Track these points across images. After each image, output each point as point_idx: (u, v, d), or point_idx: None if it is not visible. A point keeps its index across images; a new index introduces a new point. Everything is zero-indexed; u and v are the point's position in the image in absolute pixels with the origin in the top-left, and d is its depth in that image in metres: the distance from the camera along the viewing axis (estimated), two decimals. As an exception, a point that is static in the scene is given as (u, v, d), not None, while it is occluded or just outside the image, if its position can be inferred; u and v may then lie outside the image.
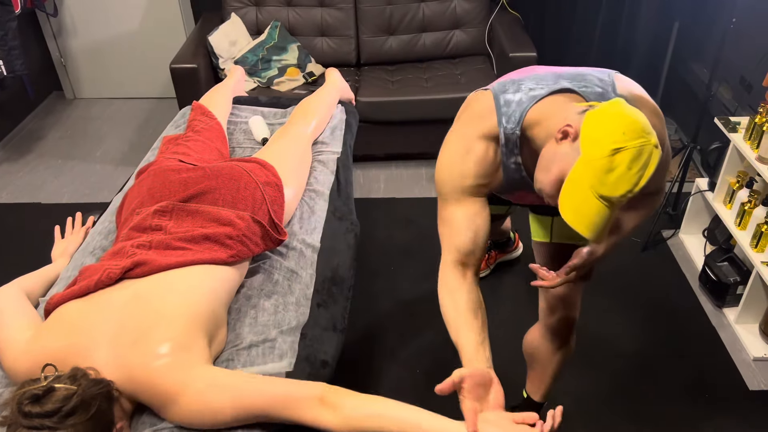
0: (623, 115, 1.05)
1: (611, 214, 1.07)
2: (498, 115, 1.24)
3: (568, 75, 1.25)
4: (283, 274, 1.67)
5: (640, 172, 1.04)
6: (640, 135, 1.04)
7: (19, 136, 3.78)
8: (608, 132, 1.04)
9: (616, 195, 1.05)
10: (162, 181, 1.64)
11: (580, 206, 1.07)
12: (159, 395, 1.20)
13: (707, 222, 2.76)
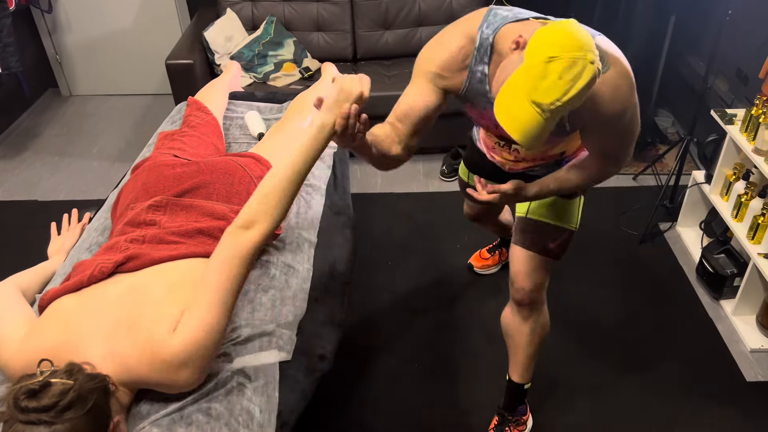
0: (568, 30, 1.11)
1: (543, 123, 1.13)
2: (483, 20, 1.33)
3: None
4: (279, 268, 1.67)
5: (572, 82, 1.09)
6: (576, 49, 1.09)
7: (15, 133, 3.77)
8: (549, 43, 1.11)
9: (546, 102, 1.11)
10: (156, 176, 1.64)
11: (515, 110, 1.13)
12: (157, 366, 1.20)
13: (704, 214, 2.76)
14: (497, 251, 2.61)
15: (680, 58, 3.41)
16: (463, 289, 2.54)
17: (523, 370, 1.87)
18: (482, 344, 2.28)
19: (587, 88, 1.12)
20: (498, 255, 2.61)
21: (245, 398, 1.29)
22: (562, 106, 1.12)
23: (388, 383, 2.15)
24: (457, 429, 2.01)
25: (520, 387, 1.90)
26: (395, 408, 2.07)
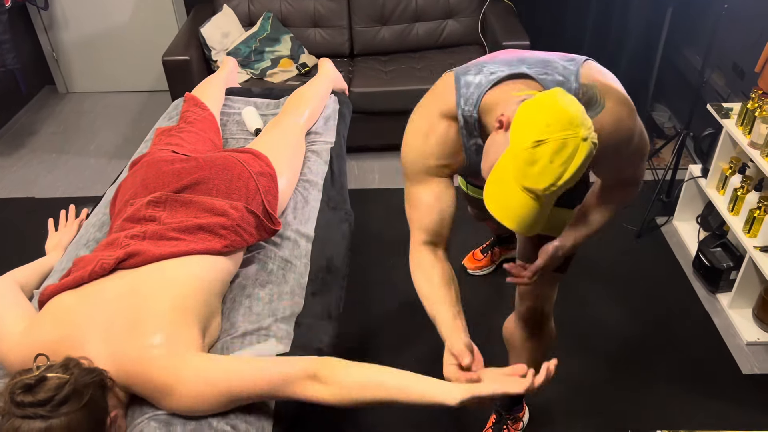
0: (552, 105, 1.01)
1: (540, 208, 1.04)
2: (457, 96, 1.22)
3: (533, 60, 1.22)
4: (277, 263, 1.67)
5: (564, 165, 1.00)
6: (565, 127, 0.99)
7: (12, 130, 3.76)
8: (534, 123, 1.01)
9: (539, 188, 1.02)
10: (155, 172, 1.64)
11: (506, 198, 1.05)
12: (154, 387, 1.20)
13: (701, 208, 2.77)
14: (490, 251, 2.59)
15: (677, 52, 3.42)
16: (460, 284, 2.53)
17: None
18: (480, 339, 2.29)
19: (584, 167, 1.02)
20: (491, 255, 2.59)
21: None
22: (558, 189, 1.03)
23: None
24: (455, 423, 2.02)
25: (520, 396, 1.89)
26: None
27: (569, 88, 1.18)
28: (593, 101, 1.13)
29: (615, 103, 1.20)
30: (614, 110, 1.20)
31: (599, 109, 1.13)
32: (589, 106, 1.11)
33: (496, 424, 1.95)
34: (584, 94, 1.13)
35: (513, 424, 1.94)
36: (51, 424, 1.05)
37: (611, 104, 1.19)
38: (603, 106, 1.13)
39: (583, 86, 1.17)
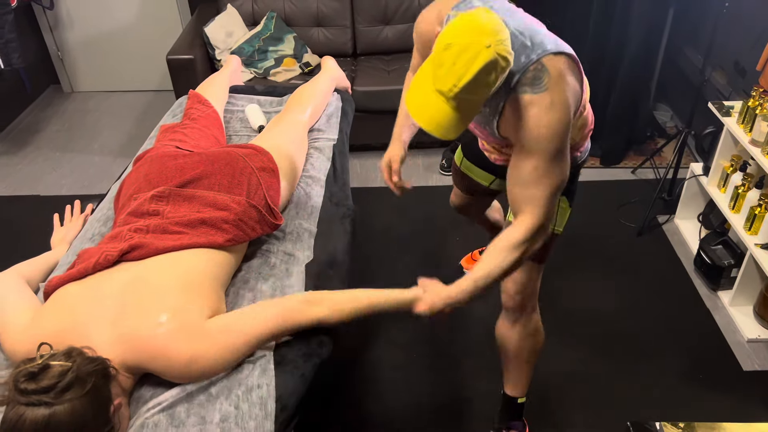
0: (469, 17, 1.13)
1: (450, 112, 1.15)
2: (454, 6, 1.36)
3: (529, 25, 1.31)
4: (280, 257, 1.69)
5: (465, 67, 1.11)
6: (471, 34, 1.11)
7: (17, 129, 3.79)
8: (448, 31, 1.13)
9: (445, 88, 1.13)
10: (159, 167, 1.66)
11: (423, 100, 1.16)
12: (173, 361, 1.23)
13: (702, 206, 2.78)
14: (479, 252, 2.59)
15: (678, 51, 3.42)
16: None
17: (516, 381, 1.83)
18: (481, 337, 2.30)
19: (486, 72, 1.12)
20: None
21: (243, 374, 1.31)
22: (461, 91, 1.13)
23: (387, 372, 2.17)
24: (456, 417, 2.03)
25: (513, 401, 1.86)
26: (394, 396, 2.09)
27: (527, 56, 1.25)
28: (536, 81, 1.24)
29: (550, 101, 1.24)
30: (544, 103, 1.24)
31: (540, 91, 1.24)
32: (531, 83, 1.24)
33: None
34: (534, 69, 1.24)
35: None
36: (55, 410, 1.07)
37: (547, 98, 1.24)
38: (544, 90, 1.24)
39: (538, 63, 1.24)
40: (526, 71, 1.25)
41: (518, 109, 1.27)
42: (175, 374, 1.26)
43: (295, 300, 1.40)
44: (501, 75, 1.15)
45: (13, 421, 1.06)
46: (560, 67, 1.26)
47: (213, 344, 1.26)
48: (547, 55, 1.25)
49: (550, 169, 1.30)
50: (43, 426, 1.06)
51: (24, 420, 1.06)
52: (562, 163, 1.31)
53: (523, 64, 1.25)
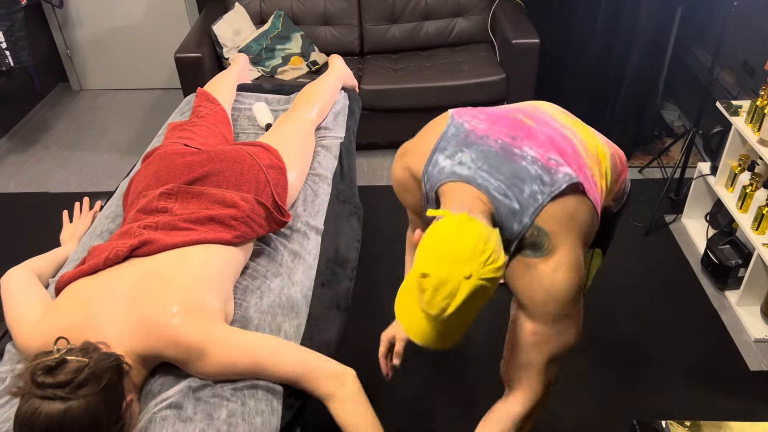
0: (444, 238, 0.99)
1: (439, 329, 1.03)
2: (425, 168, 1.23)
3: (510, 170, 1.15)
4: (287, 255, 1.70)
5: (447, 300, 0.98)
6: (447, 263, 0.97)
7: (26, 127, 3.81)
8: (425, 252, 1.01)
9: (430, 314, 1.01)
10: (167, 164, 1.67)
11: (410, 311, 1.04)
12: (183, 352, 1.25)
13: (709, 206, 2.77)
14: None
15: (687, 50, 3.41)
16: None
17: None
18: (485, 337, 2.30)
19: (472, 300, 0.99)
20: None
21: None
22: (448, 319, 1.00)
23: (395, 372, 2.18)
24: (458, 415, 2.03)
25: None
26: (398, 394, 2.10)
27: (519, 222, 1.13)
28: (537, 245, 1.12)
29: (553, 267, 1.12)
30: (546, 268, 1.13)
31: (542, 255, 1.12)
32: (532, 248, 1.12)
33: None
34: (531, 235, 1.12)
35: None
36: (70, 405, 1.08)
37: (550, 263, 1.12)
38: (547, 253, 1.11)
39: (534, 227, 1.12)
40: (522, 238, 1.14)
41: (521, 269, 1.15)
42: (186, 363, 1.27)
43: (324, 368, 1.33)
44: (492, 289, 1.02)
45: (28, 413, 1.07)
46: (560, 216, 1.13)
47: (221, 352, 1.27)
48: (541, 212, 1.13)
49: (553, 336, 1.17)
50: (58, 420, 1.07)
51: (39, 413, 1.07)
52: (570, 325, 1.17)
53: (517, 232, 1.13)
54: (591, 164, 1.24)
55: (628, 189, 1.44)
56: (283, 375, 1.31)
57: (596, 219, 1.21)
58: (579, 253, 1.16)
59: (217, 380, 1.30)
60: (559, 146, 1.20)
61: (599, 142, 1.32)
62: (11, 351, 1.40)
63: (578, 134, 1.27)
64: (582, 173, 1.20)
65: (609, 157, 1.31)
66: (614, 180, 1.34)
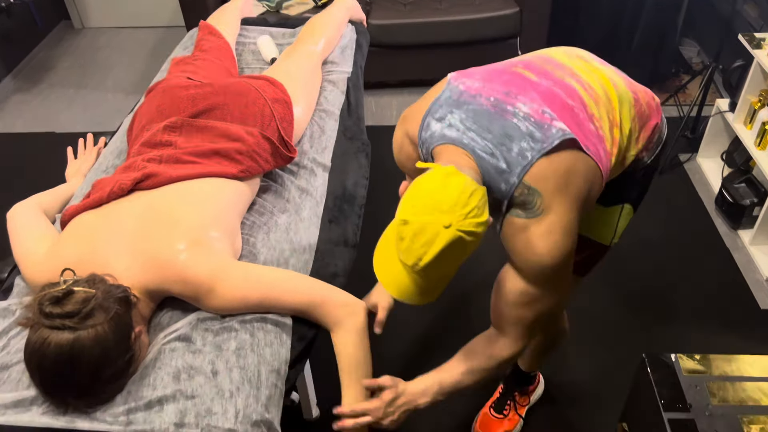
0: (426, 187, 0.99)
1: (417, 280, 1.03)
2: (419, 133, 1.20)
3: (500, 128, 1.10)
4: (294, 191, 1.67)
5: (424, 248, 0.98)
6: (428, 212, 0.97)
7: (30, 66, 3.76)
8: (408, 200, 1.00)
9: (408, 263, 1.01)
10: (171, 98, 1.63)
11: (388, 264, 1.05)
12: (192, 287, 1.25)
13: (726, 144, 2.71)
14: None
15: (709, -18, 3.27)
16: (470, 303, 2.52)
17: (531, 363, 1.74)
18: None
19: (449, 251, 0.98)
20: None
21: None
22: (424, 269, 1.00)
23: (397, 304, 2.18)
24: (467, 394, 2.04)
25: (526, 374, 1.78)
26: (404, 339, 2.11)
27: (506, 181, 1.08)
28: (528, 205, 1.08)
29: (546, 230, 1.09)
30: (538, 230, 1.09)
31: (534, 215, 1.08)
32: (523, 208, 1.08)
33: (502, 396, 1.84)
34: (521, 194, 1.08)
35: (520, 398, 1.82)
36: (79, 335, 1.08)
37: (542, 224, 1.09)
38: (539, 214, 1.08)
39: (524, 186, 1.08)
40: (512, 197, 1.09)
41: (514, 231, 1.12)
42: (195, 299, 1.27)
43: (337, 296, 1.34)
44: (472, 245, 1.00)
45: (37, 343, 1.08)
46: (553, 174, 1.08)
47: (232, 288, 1.26)
48: (530, 169, 1.07)
49: (543, 295, 1.16)
50: (68, 350, 1.07)
51: (48, 343, 1.07)
52: (559, 287, 1.17)
53: (506, 191, 1.09)
54: (600, 114, 1.17)
55: (663, 137, 1.32)
56: (295, 304, 1.31)
57: (598, 177, 1.15)
58: (573, 216, 1.11)
59: (226, 314, 1.30)
60: (559, 99, 1.13)
61: (619, 86, 1.22)
62: (20, 285, 1.41)
63: (587, 81, 1.19)
64: (581, 129, 1.12)
65: (630, 103, 1.22)
66: (639, 127, 1.25)
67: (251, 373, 1.20)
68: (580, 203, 1.12)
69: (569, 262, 1.15)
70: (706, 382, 1.21)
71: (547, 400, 1.92)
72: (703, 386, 1.20)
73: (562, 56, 1.23)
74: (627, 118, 1.21)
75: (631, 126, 1.22)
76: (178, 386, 1.17)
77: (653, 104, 1.28)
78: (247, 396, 1.17)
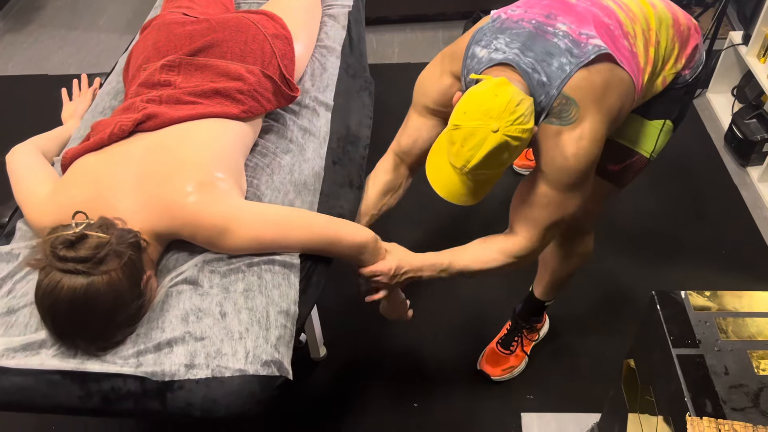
0: (478, 95, 1.10)
1: (465, 183, 1.16)
2: (463, 64, 1.28)
3: (541, 47, 1.18)
4: (297, 131, 1.64)
5: (473, 151, 1.09)
6: (478, 117, 1.08)
7: (18, 6, 3.63)
8: (460, 107, 1.11)
9: (457, 165, 1.14)
10: (167, 34, 1.57)
11: (439, 167, 1.18)
12: (205, 230, 1.22)
13: (737, 79, 2.64)
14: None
15: None
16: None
17: (549, 290, 1.74)
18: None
19: (496, 154, 1.10)
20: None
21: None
22: (471, 171, 1.12)
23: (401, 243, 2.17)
24: (471, 327, 2.05)
25: (540, 303, 1.79)
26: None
27: (546, 93, 1.17)
28: (564, 113, 1.17)
29: (578, 136, 1.18)
30: (571, 136, 1.18)
31: (568, 123, 1.17)
32: (559, 116, 1.17)
33: (509, 332, 1.87)
34: (559, 104, 1.17)
35: (528, 334, 1.86)
36: (93, 281, 1.07)
37: (575, 132, 1.18)
38: (573, 122, 1.17)
39: (562, 96, 1.16)
40: (550, 108, 1.18)
41: (546, 136, 1.20)
42: (207, 241, 1.25)
43: (353, 225, 1.36)
44: (517, 150, 1.12)
45: (50, 287, 1.06)
46: (589, 86, 1.16)
47: (246, 228, 1.24)
48: (569, 81, 1.16)
49: (561, 201, 1.25)
50: (82, 294, 1.06)
51: (62, 287, 1.06)
52: (576, 196, 1.26)
53: (545, 103, 1.18)
54: (636, 32, 1.25)
55: (703, 58, 1.40)
56: (308, 242, 1.30)
57: (631, 91, 1.23)
58: (603, 127, 1.20)
59: (233, 256, 1.28)
60: (596, 18, 1.21)
61: (658, 6, 1.30)
62: (22, 229, 1.39)
63: (624, 1, 1.27)
64: (615, 45, 1.20)
65: (668, 23, 1.30)
66: (680, 46, 1.33)
67: (260, 315, 1.20)
68: (612, 116, 1.21)
69: (591, 170, 1.24)
70: (715, 318, 1.21)
71: (552, 337, 1.94)
72: (712, 322, 1.20)
73: None
74: (665, 37, 1.29)
75: (670, 45, 1.30)
76: (187, 328, 1.17)
77: (692, 26, 1.36)
78: (257, 337, 1.17)
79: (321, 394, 1.85)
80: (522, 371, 1.86)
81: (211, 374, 1.12)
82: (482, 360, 1.87)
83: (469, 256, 1.36)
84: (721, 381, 1.08)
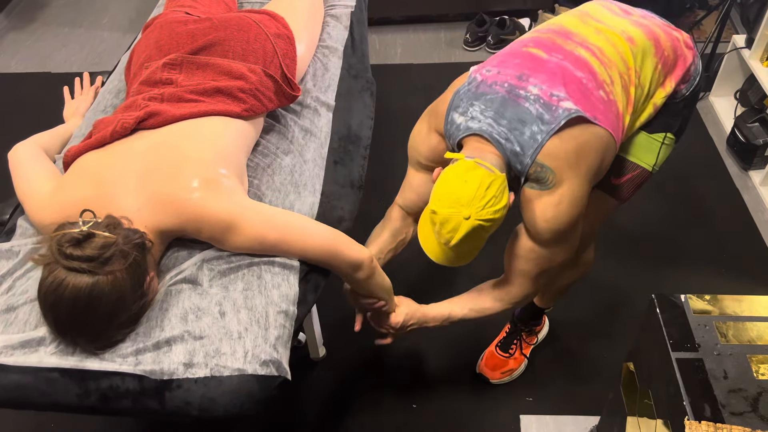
0: (449, 182, 1.16)
1: (451, 253, 1.22)
2: (445, 128, 1.32)
3: (513, 113, 1.21)
4: (298, 131, 1.64)
5: (450, 234, 1.17)
6: (450, 205, 1.15)
7: (22, 3, 3.64)
8: (435, 192, 1.18)
9: (441, 242, 1.21)
10: (169, 33, 1.57)
11: (427, 236, 1.24)
12: (210, 226, 1.22)
13: (740, 83, 2.63)
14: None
15: None
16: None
17: (549, 299, 1.77)
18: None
19: (473, 236, 1.17)
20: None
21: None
22: (453, 248, 1.20)
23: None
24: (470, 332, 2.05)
25: (539, 310, 1.81)
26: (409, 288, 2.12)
27: (521, 162, 1.21)
28: (541, 179, 1.22)
29: (557, 201, 1.22)
30: (550, 201, 1.23)
31: (546, 188, 1.22)
32: (538, 181, 1.22)
33: (508, 335, 1.87)
34: (535, 172, 1.21)
35: (527, 337, 1.86)
36: (98, 280, 1.07)
37: (553, 197, 1.22)
38: (551, 187, 1.21)
39: (537, 164, 1.20)
40: (527, 175, 1.23)
41: (527, 199, 1.26)
42: (212, 237, 1.25)
43: (356, 255, 1.35)
44: (493, 227, 1.19)
45: (54, 284, 1.06)
46: (563, 152, 1.19)
47: (251, 226, 1.24)
48: (542, 150, 1.19)
49: (548, 255, 1.32)
50: (85, 294, 1.06)
51: (66, 285, 1.06)
52: (563, 249, 1.32)
53: (521, 170, 1.22)
54: (612, 78, 1.25)
55: (699, 69, 1.40)
56: (311, 249, 1.29)
57: (611, 144, 1.25)
58: (583, 188, 1.24)
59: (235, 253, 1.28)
60: (568, 74, 1.22)
61: (637, 39, 1.28)
62: (23, 226, 1.39)
63: (598, 47, 1.25)
64: (588, 100, 1.21)
65: (650, 53, 1.29)
66: (666, 72, 1.34)
67: (259, 314, 1.20)
68: (592, 173, 1.24)
69: (575, 226, 1.28)
70: (714, 322, 1.20)
71: (552, 340, 1.94)
72: (712, 326, 1.19)
73: (575, 23, 1.31)
74: (649, 68, 1.30)
75: (655, 75, 1.31)
76: (186, 327, 1.17)
77: (679, 45, 1.35)
78: (256, 337, 1.17)
79: (320, 395, 1.84)
80: (521, 374, 1.86)
81: (210, 373, 1.12)
82: (481, 363, 1.86)
83: (468, 305, 1.47)
84: (720, 385, 1.07)
